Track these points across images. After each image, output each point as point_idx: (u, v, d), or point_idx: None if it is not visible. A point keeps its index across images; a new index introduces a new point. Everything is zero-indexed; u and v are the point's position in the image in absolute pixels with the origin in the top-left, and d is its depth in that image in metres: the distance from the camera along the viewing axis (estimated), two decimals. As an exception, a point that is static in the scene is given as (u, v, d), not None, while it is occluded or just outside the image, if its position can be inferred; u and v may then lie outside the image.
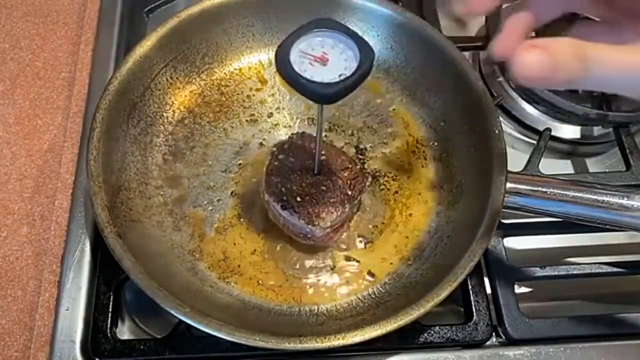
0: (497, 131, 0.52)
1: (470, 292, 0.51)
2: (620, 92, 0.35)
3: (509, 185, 0.49)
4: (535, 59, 0.32)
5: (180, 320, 0.44)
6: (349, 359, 0.48)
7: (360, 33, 0.40)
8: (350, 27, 0.40)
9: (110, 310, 0.49)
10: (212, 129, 0.59)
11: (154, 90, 0.57)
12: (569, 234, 0.56)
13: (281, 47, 0.39)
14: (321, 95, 0.38)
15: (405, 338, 0.49)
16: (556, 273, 0.53)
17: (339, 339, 0.43)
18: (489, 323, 0.50)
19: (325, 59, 0.39)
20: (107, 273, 0.51)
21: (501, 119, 0.54)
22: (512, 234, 0.55)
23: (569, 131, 0.63)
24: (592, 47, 0.32)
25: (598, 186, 0.48)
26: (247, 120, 0.60)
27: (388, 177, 0.57)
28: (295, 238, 0.52)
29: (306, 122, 0.60)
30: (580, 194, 0.48)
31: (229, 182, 0.56)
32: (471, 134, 0.55)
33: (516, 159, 0.55)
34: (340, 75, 0.38)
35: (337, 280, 0.51)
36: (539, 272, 0.53)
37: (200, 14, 0.58)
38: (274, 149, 0.52)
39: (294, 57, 0.39)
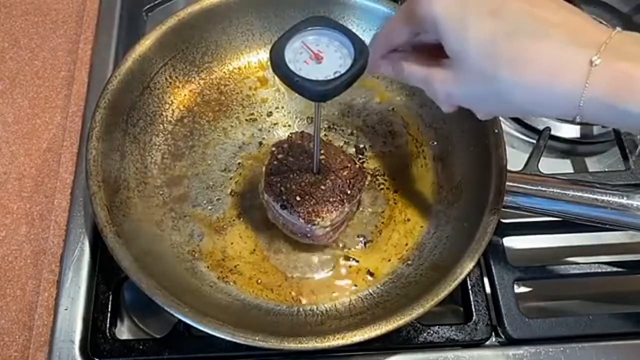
0: (496, 130, 0.52)
1: (470, 291, 0.51)
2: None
3: (508, 184, 0.49)
4: (384, 69, 0.43)
5: (180, 320, 0.44)
6: (348, 359, 0.48)
7: (359, 32, 0.40)
8: (349, 26, 0.40)
9: (109, 309, 0.49)
10: (212, 128, 0.59)
11: (153, 89, 0.57)
12: (569, 233, 0.56)
13: (276, 46, 0.39)
14: (316, 92, 0.38)
15: (405, 338, 0.48)
16: (556, 273, 0.53)
17: (338, 338, 0.43)
18: (489, 323, 0.49)
19: (320, 56, 0.39)
20: (106, 273, 0.51)
21: (501, 118, 0.54)
22: (512, 234, 0.55)
23: (569, 130, 0.63)
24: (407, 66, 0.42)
25: (597, 185, 0.48)
26: (246, 120, 0.60)
27: (387, 176, 0.57)
28: (294, 237, 0.52)
29: (306, 121, 0.60)
30: (579, 194, 0.48)
31: (228, 182, 0.56)
32: (471, 133, 0.55)
33: (516, 159, 0.55)
34: (335, 73, 0.38)
35: (336, 280, 0.51)
36: (538, 272, 0.52)
37: (199, 13, 0.58)
38: (274, 148, 0.52)
39: (289, 55, 0.39)
